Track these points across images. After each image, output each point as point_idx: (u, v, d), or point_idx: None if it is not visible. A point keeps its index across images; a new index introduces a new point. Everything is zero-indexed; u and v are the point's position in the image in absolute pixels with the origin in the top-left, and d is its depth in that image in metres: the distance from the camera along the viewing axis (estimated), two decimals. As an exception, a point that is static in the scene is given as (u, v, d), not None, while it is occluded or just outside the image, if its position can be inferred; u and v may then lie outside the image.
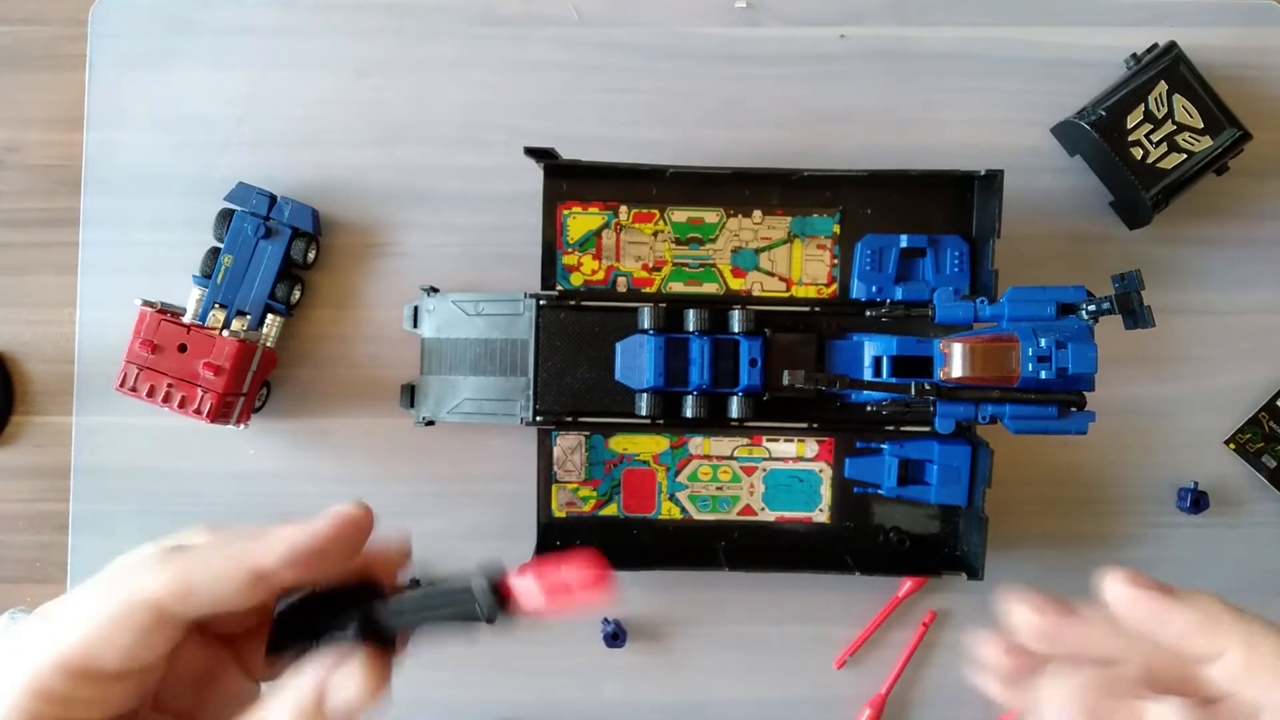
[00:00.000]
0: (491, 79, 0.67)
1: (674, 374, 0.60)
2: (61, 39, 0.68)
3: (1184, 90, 0.63)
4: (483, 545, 0.66)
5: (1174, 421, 0.67)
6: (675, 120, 0.67)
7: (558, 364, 0.62)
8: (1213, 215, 0.67)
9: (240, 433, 0.65)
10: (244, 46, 0.67)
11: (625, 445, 0.64)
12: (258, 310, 0.63)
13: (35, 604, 0.66)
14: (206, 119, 0.67)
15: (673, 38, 0.68)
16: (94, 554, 0.66)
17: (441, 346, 0.64)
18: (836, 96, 0.68)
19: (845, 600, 0.66)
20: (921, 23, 0.68)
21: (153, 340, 0.60)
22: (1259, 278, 0.67)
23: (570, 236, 0.63)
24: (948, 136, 0.67)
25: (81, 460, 0.67)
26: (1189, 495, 0.65)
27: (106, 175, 0.67)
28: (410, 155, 0.67)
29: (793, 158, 0.66)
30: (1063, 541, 0.67)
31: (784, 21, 0.68)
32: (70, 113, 0.67)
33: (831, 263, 0.63)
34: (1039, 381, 0.53)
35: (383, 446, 0.66)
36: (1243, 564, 0.67)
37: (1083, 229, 0.67)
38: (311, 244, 0.65)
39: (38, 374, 0.67)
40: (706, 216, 0.63)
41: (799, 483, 0.64)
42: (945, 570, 0.61)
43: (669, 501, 0.64)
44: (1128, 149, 0.62)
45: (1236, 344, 0.67)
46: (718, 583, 0.66)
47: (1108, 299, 0.53)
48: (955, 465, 0.60)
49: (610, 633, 0.65)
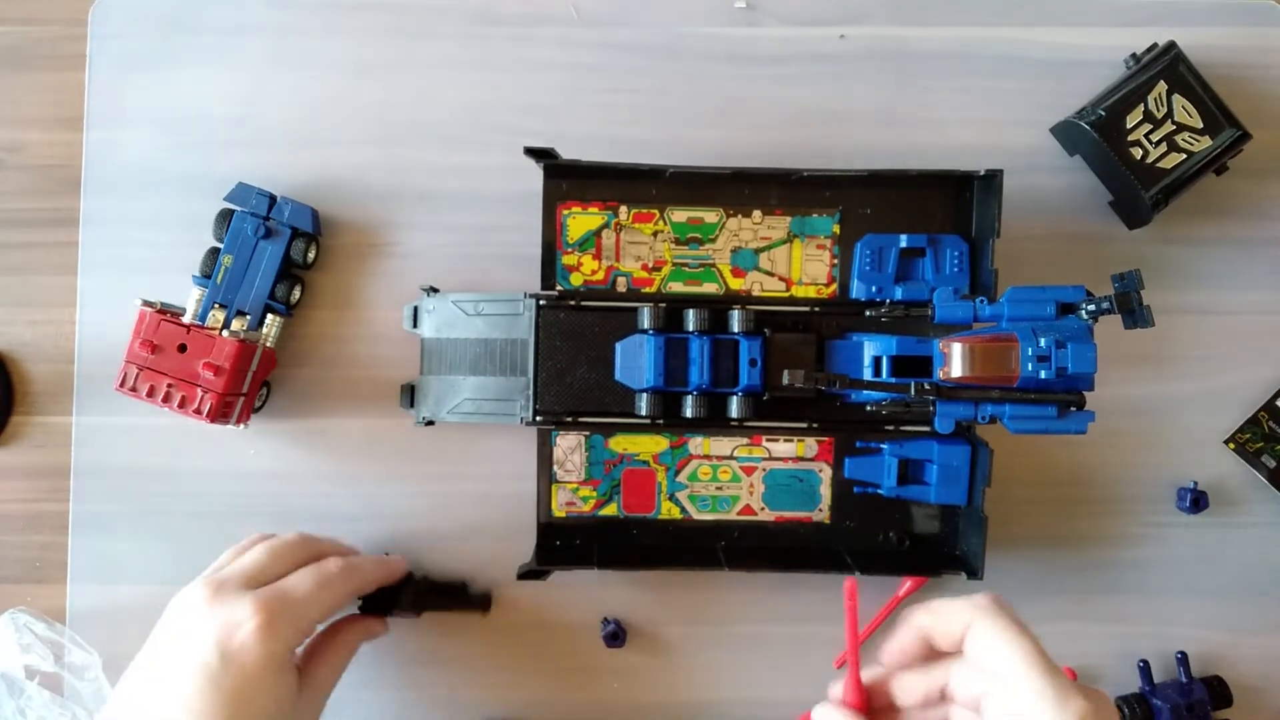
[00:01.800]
0: (491, 79, 0.67)
1: (674, 374, 0.60)
2: (61, 39, 0.68)
3: (1183, 90, 0.63)
4: (483, 545, 0.66)
5: (1174, 421, 0.67)
6: (675, 120, 0.67)
7: (558, 364, 0.62)
8: (1212, 215, 0.67)
9: (240, 433, 0.65)
10: (244, 46, 0.68)
11: (625, 445, 0.64)
12: (258, 310, 0.63)
13: (35, 604, 0.66)
14: (206, 119, 0.67)
15: (673, 38, 0.68)
16: (94, 554, 0.66)
17: (441, 346, 0.64)
18: (836, 96, 0.68)
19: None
20: (921, 23, 0.68)
21: (153, 340, 0.60)
22: (1259, 278, 0.67)
23: (570, 236, 0.63)
24: (947, 136, 0.67)
25: (81, 460, 0.67)
26: (1189, 495, 0.65)
27: (106, 175, 0.67)
28: (410, 155, 0.67)
29: (792, 158, 0.66)
30: (1062, 541, 0.67)
31: (784, 21, 0.68)
32: (70, 113, 0.67)
33: (831, 263, 0.63)
34: (1039, 381, 0.53)
35: (383, 446, 0.66)
36: (1243, 564, 0.67)
37: (1082, 229, 0.67)
38: (311, 244, 0.65)
39: (38, 374, 0.67)
40: (706, 216, 0.63)
41: (799, 482, 0.64)
42: (945, 570, 0.61)
43: (669, 501, 0.64)
44: (1127, 149, 0.63)
45: (1236, 344, 0.67)
46: (718, 583, 0.66)
47: (1107, 299, 0.53)
48: (955, 465, 0.60)
49: (610, 633, 0.65)
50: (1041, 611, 0.67)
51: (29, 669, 0.64)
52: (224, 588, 0.52)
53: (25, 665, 0.64)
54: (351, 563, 0.58)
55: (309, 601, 0.53)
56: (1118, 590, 0.67)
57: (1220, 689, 0.64)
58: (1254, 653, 0.67)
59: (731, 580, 0.65)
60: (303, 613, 0.53)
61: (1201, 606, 0.67)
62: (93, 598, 0.66)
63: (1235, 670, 0.66)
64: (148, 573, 0.66)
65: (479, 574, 0.66)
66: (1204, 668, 0.66)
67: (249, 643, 0.49)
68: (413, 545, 0.66)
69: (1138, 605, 0.67)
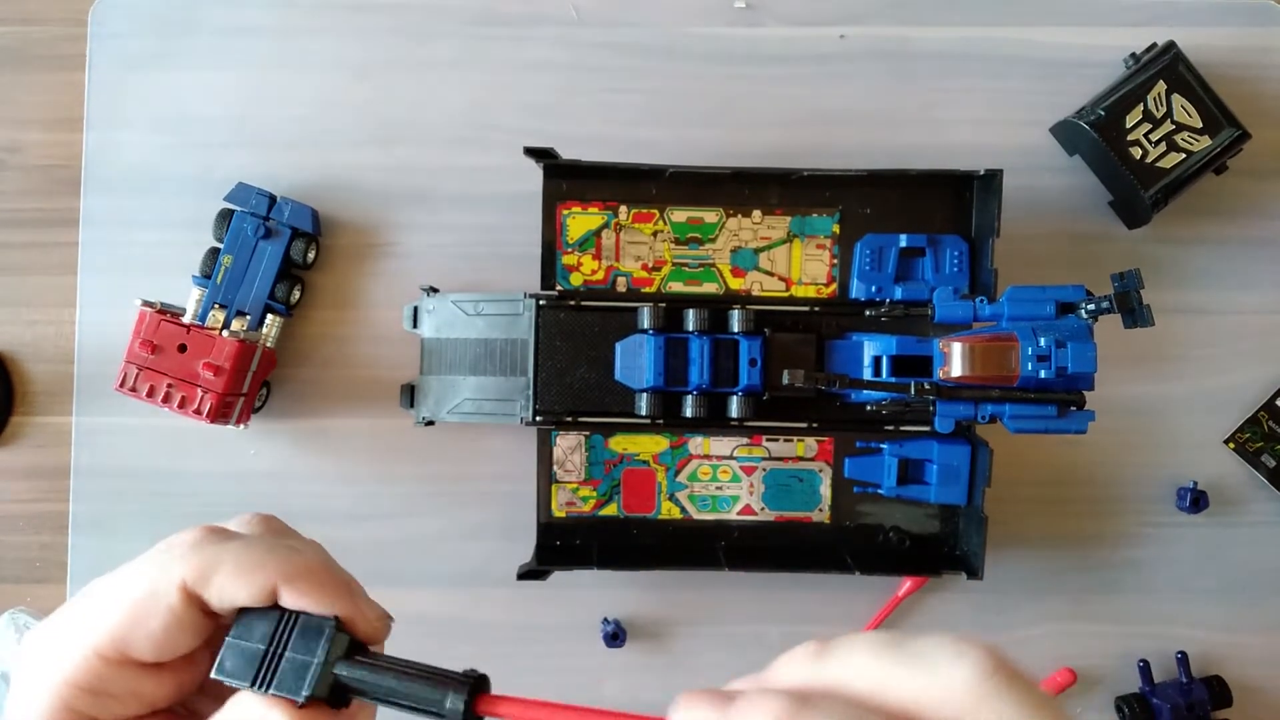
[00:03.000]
0: (491, 79, 0.67)
1: (674, 374, 0.60)
2: (61, 39, 0.68)
3: (1183, 90, 0.63)
4: (483, 545, 0.66)
5: (1174, 421, 0.67)
6: (675, 120, 0.67)
7: (558, 364, 0.62)
8: (1212, 215, 0.67)
9: (240, 433, 0.65)
10: (244, 46, 0.68)
11: (625, 445, 0.64)
12: (258, 310, 0.63)
13: (35, 604, 0.66)
14: (206, 119, 0.67)
15: (673, 38, 0.68)
16: (94, 554, 0.66)
17: (441, 346, 0.64)
18: (836, 96, 0.68)
19: (845, 600, 0.66)
20: (921, 23, 0.68)
21: (153, 340, 0.60)
22: (1259, 277, 0.67)
23: (570, 236, 0.63)
24: (947, 136, 0.67)
25: (81, 460, 0.67)
26: (1189, 495, 0.65)
27: (106, 175, 0.67)
28: (410, 155, 0.67)
29: (792, 158, 0.66)
30: (1063, 541, 0.67)
31: (784, 21, 0.68)
32: (70, 113, 0.67)
33: (831, 262, 0.63)
34: (1038, 381, 0.53)
35: (383, 446, 0.66)
36: (1243, 564, 0.67)
37: (1082, 228, 0.67)
38: (311, 244, 0.65)
39: (38, 374, 0.67)
40: (706, 216, 0.63)
41: (799, 482, 0.64)
42: (945, 570, 0.61)
43: (669, 501, 0.64)
44: (1127, 148, 0.63)
45: (1236, 344, 0.67)
46: (718, 583, 0.66)
47: (1107, 298, 0.53)
48: (955, 465, 0.60)
49: (610, 633, 0.65)
50: (1041, 611, 0.67)
51: (29, 669, 0.64)
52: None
53: (25, 665, 0.64)
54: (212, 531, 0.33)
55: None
56: (1118, 590, 0.67)
57: (1220, 689, 0.64)
58: (1254, 653, 0.67)
59: (731, 580, 0.65)
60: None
61: (1201, 606, 0.67)
62: (93, 598, 0.66)
63: (1235, 670, 0.66)
64: (148, 573, 0.66)
65: (481, 576, 0.66)
66: (1204, 668, 0.66)
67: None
68: (413, 545, 0.66)
69: (1138, 605, 0.67)
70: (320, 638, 0.30)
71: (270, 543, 0.32)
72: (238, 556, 0.30)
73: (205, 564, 0.30)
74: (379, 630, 0.32)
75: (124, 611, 0.29)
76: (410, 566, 0.66)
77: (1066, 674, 0.65)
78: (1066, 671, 0.65)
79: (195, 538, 0.31)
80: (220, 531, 0.32)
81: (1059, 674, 0.65)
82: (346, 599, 0.31)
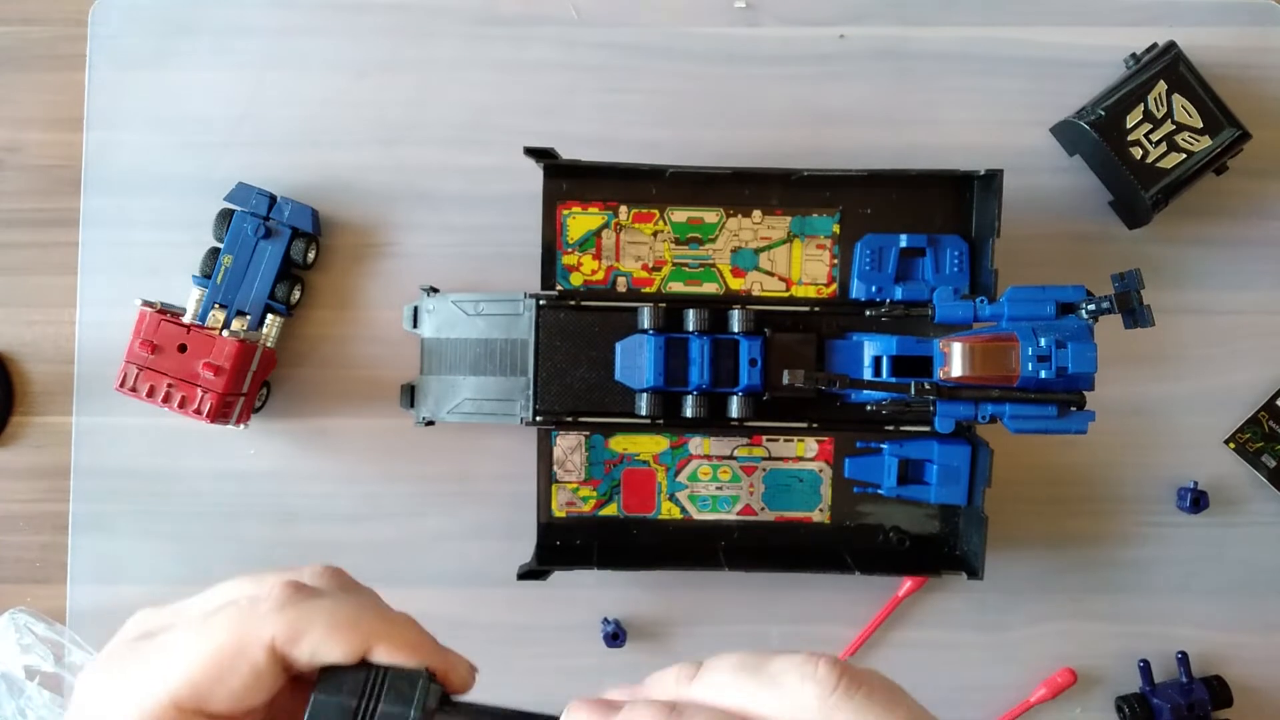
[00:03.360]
0: (491, 79, 0.67)
1: (674, 374, 0.60)
2: (61, 39, 0.68)
3: (1183, 90, 0.63)
4: (483, 545, 0.66)
5: (1174, 421, 0.67)
6: (675, 120, 0.67)
7: (558, 364, 0.62)
8: (1212, 215, 0.67)
9: (240, 433, 0.65)
10: (244, 46, 0.67)
11: (625, 445, 0.64)
12: (258, 310, 0.63)
13: (35, 604, 0.66)
14: (206, 119, 0.67)
15: (673, 38, 0.68)
16: (94, 554, 0.66)
17: (441, 346, 0.64)
18: (836, 96, 0.68)
19: (845, 600, 0.66)
20: (921, 23, 0.68)
21: (153, 340, 0.60)
22: (1259, 277, 0.67)
23: (570, 236, 0.63)
24: (947, 136, 0.67)
25: (81, 460, 0.67)
26: (1189, 495, 0.65)
27: (106, 175, 0.67)
28: (410, 155, 0.67)
29: (793, 158, 0.66)
30: (1063, 541, 0.67)
31: (784, 21, 0.68)
32: (70, 113, 0.67)
33: (831, 262, 0.63)
34: (1039, 381, 0.53)
35: (383, 446, 0.66)
36: (1243, 563, 0.67)
37: (1082, 229, 0.67)
38: (311, 244, 0.65)
39: (38, 374, 0.67)
40: (706, 216, 0.63)
41: (799, 482, 0.64)
42: (945, 570, 0.61)
43: (669, 501, 0.64)
44: (1127, 149, 0.63)
45: (1236, 344, 0.67)
46: (718, 583, 0.66)
47: (1107, 298, 0.53)
48: (955, 465, 0.60)
49: (610, 633, 0.65)
50: (1042, 611, 0.67)
51: (29, 669, 0.64)
52: None
53: (25, 665, 0.64)
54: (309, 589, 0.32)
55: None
56: (1118, 590, 0.67)
57: (1220, 689, 0.64)
58: (1254, 653, 0.67)
59: (731, 580, 0.65)
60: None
61: (1201, 606, 0.67)
62: (93, 598, 0.66)
63: (1235, 670, 0.66)
64: (148, 573, 0.66)
65: (481, 576, 0.66)
66: (1204, 668, 0.66)
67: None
68: (414, 545, 0.66)
69: (1138, 605, 0.67)
70: (414, 690, 0.31)
71: (359, 601, 0.32)
72: (331, 617, 0.31)
73: (297, 623, 0.30)
74: (468, 681, 0.34)
75: (207, 664, 0.30)
76: (410, 566, 0.66)
77: (1067, 674, 0.65)
78: (1067, 671, 0.65)
79: (282, 596, 0.31)
80: (303, 588, 0.32)
81: (1059, 674, 0.65)
82: (437, 653, 0.32)
